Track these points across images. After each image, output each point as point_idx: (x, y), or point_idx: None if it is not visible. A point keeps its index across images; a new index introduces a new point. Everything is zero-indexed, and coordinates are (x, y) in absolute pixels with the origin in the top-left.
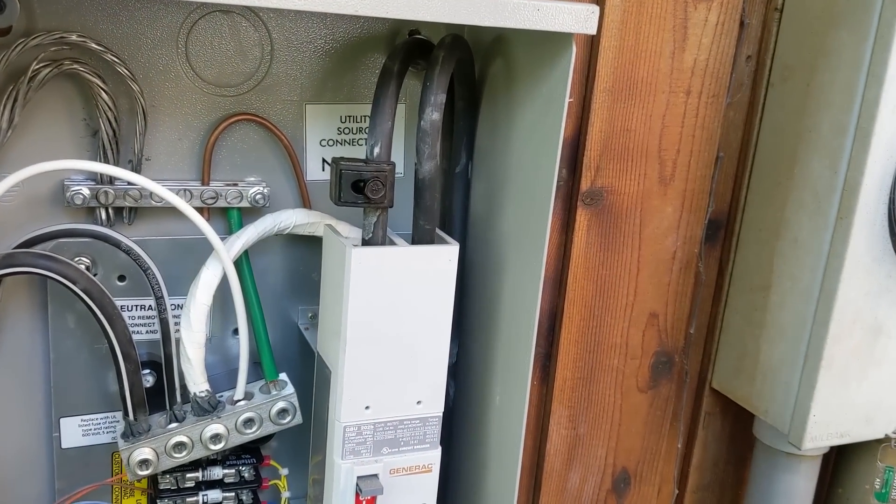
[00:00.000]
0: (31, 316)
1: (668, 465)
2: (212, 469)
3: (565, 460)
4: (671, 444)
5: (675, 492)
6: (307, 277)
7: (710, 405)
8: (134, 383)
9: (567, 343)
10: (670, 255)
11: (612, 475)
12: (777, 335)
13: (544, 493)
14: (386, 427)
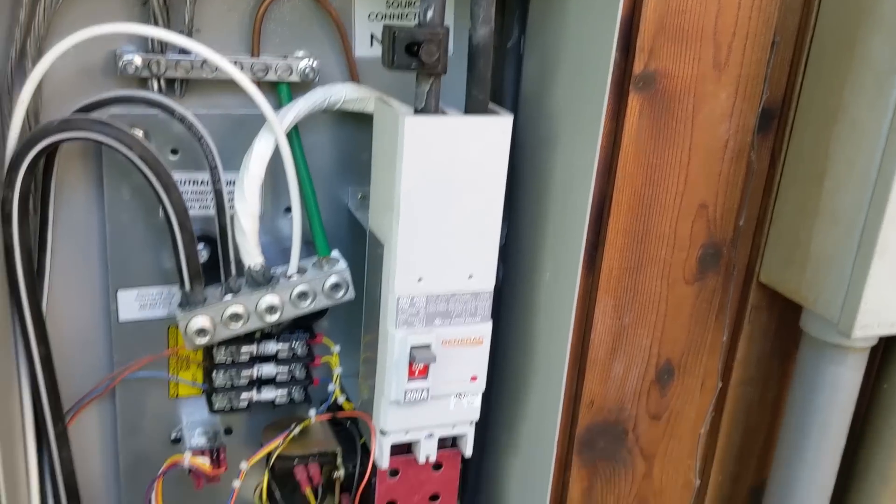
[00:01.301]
0: (87, 188)
1: (713, 358)
2: (266, 344)
3: (609, 350)
4: (716, 337)
5: (719, 385)
6: (356, 158)
7: (757, 299)
8: (190, 254)
9: (615, 232)
10: (722, 143)
11: (656, 366)
12: (830, 222)
13: (588, 381)
14: (438, 300)
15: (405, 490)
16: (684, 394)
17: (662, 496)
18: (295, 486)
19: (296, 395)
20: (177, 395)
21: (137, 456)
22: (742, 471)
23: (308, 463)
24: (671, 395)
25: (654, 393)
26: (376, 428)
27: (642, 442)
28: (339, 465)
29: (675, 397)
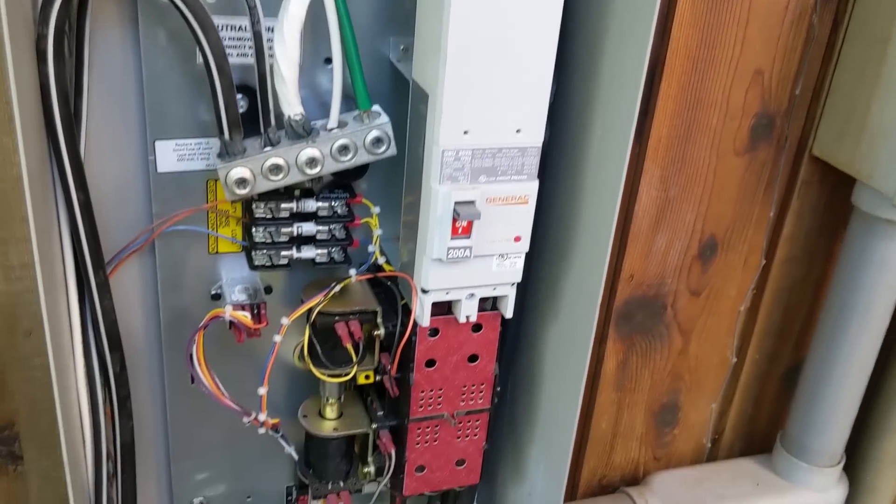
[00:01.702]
0: (122, 32)
1: (758, 234)
2: (306, 201)
3: (653, 223)
4: (763, 212)
5: (762, 262)
6: (399, 6)
7: (808, 173)
8: (229, 101)
9: (666, 98)
10: (783, 6)
11: (700, 241)
12: (891, 92)
13: (629, 254)
14: (484, 154)
15: (444, 350)
16: (726, 270)
17: (697, 372)
18: (335, 344)
19: (336, 255)
20: (216, 251)
21: (178, 311)
22: (780, 350)
23: (349, 320)
24: (713, 271)
25: (696, 268)
26: (417, 287)
27: (680, 318)
28: (380, 324)
29: (716, 274)
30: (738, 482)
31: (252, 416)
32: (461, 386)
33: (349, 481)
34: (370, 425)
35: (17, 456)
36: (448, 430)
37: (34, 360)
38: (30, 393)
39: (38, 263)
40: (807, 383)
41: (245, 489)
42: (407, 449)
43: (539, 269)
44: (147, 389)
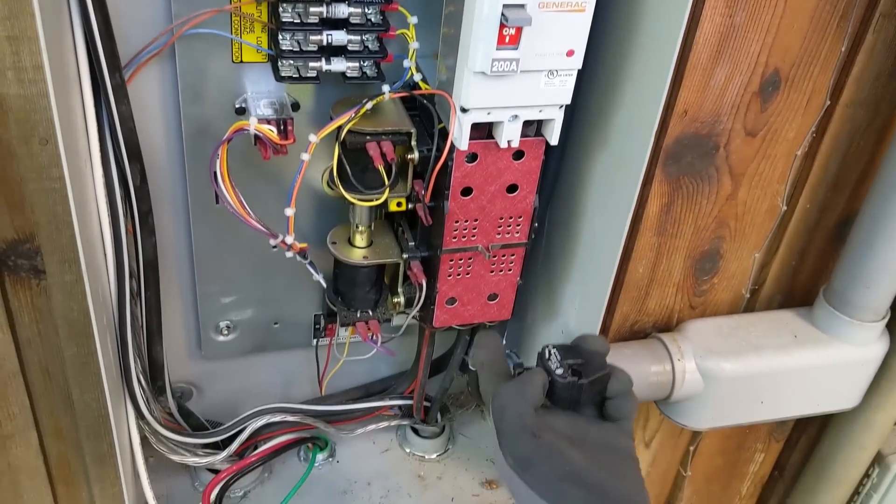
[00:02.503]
0: None
1: (825, 73)
2: (337, 6)
3: (713, 53)
4: (833, 47)
5: (826, 103)
6: None
7: (888, 6)
8: None
9: None
10: None
11: (762, 76)
12: None
13: (685, 87)
14: None
15: (482, 178)
16: (787, 110)
17: (744, 220)
18: (366, 166)
19: (368, 70)
20: (241, 60)
21: (200, 124)
22: (833, 200)
23: (381, 140)
24: (772, 110)
25: (755, 106)
26: (456, 105)
27: (732, 160)
28: (414, 147)
29: (776, 113)
30: (775, 333)
31: (279, 238)
32: (498, 217)
33: (378, 311)
34: (401, 255)
35: (39, 270)
36: (482, 264)
37: (52, 170)
38: (48, 205)
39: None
40: (858, 236)
41: (272, 316)
42: (438, 280)
43: (588, 96)
44: (170, 209)
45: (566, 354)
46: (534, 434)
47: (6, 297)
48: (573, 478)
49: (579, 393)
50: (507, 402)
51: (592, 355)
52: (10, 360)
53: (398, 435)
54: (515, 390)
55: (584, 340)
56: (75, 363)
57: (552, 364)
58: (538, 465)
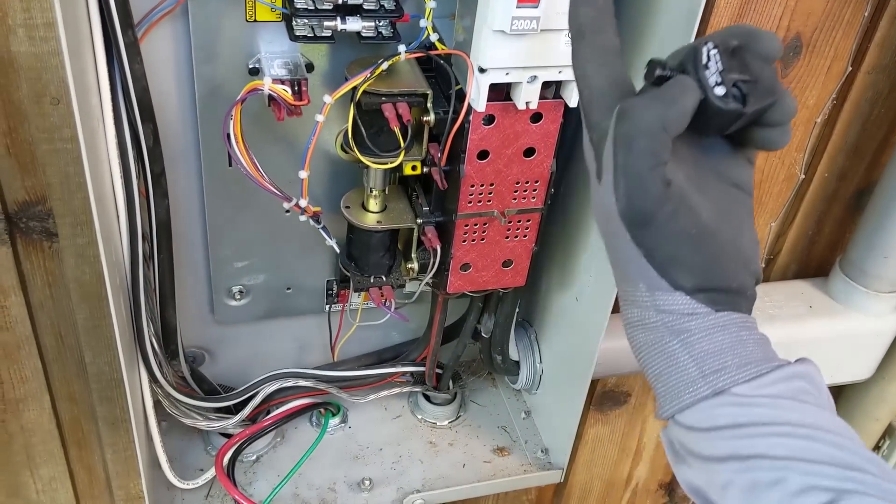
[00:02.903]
0: None
1: (847, 38)
2: None
3: (735, 17)
4: (856, 11)
5: (848, 69)
6: None
7: None
8: None
9: None
10: None
11: (783, 40)
12: None
13: None
14: None
15: (499, 141)
16: (807, 76)
17: (761, 188)
18: (381, 128)
19: (384, 30)
20: (254, 18)
21: (213, 84)
22: (851, 169)
23: (397, 101)
24: (793, 75)
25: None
26: (474, 65)
27: None
28: (430, 108)
29: (796, 79)
30: (791, 303)
31: (293, 201)
32: (514, 182)
33: (392, 276)
34: (415, 220)
35: (51, 233)
36: (497, 229)
37: (63, 130)
38: (61, 166)
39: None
40: (876, 205)
41: (285, 281)
42: (453, 246)
43: None
44: (182, 172)
45: (731, 63)
46: (665, 180)
47: (18, 259)
48: (697, 242)
49: (732, 122)
50: (642, 128)
51: (762, 68)
52: (23, 324)
53: (410, 401)
54: (656, 112)
55: (755, 39)
56: (88, 327)
57: (710, 76)
58: (661, 223)
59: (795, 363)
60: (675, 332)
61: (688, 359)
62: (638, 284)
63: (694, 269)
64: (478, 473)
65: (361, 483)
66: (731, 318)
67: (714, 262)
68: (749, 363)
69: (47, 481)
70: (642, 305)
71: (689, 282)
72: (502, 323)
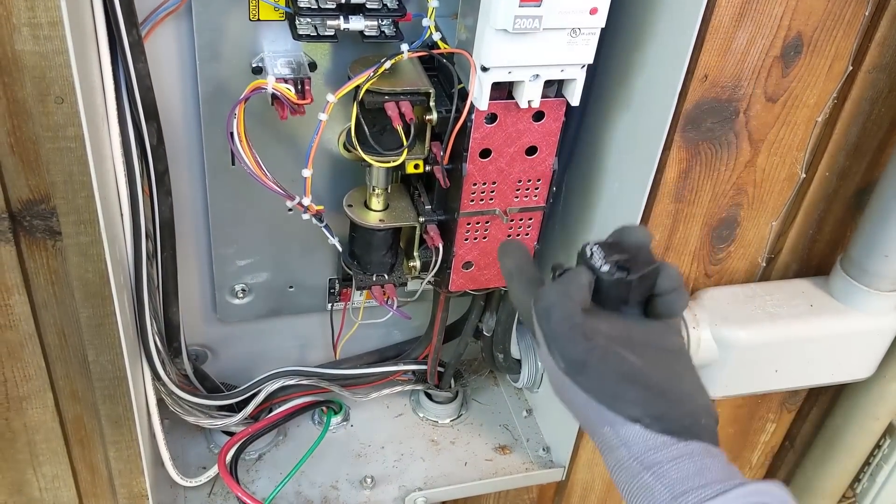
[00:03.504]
0: None
1: (848, 37)
2: None
3: (736, 17)
4: (857, 11)
5: (849, 69)
6: None
7: None
8: None
9: None
10: None
11: (784, 40)
12: None
13: (706, 51)
14: None
15: (501, 139)
16: (808, 75)
17: (762, 187)
18: (383, 127)
19: (386, 29)
20: (258, 18)
21: (217, 83)
22: (852, 168)
23: (399, 100)
24: (794, 75)
25: (776, 71)
26: (476, 64)
27: (752, 125)
28: (432, 107)
29: (797, 78)
30: (791, 302)
31: (295, 200)
32: (516, 180)
33: (394, 274)
34: (417, 218)
35: (55, 231)
36: (499, 227)
37: (68, 129)
38: (65, 165)
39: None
40: (877, 204)
41: (287, 279)
42: (455, 244)
43: (609, 57)
44: (186, 170)
45: (609, 250)
46: (585, 335)
47: (22, 258)
48: (631, 378)
49: (627, 290)
50: (552, 302)
51: (638, 249)
52: (27, 322)
53: (412, 400)
54: (560, 290)
55: (625, 233)
56: (91, 325)
57: (596, 261)
58: (593, 366)
59: (760, 482)
60: (646, 467)
61: (661, 487)
62: (603, 428)
63: (637, 401)
64: (479, 472)
65: (363, 481)
66: (694, 447)
67: (652, 392)
68: (713, 482)
69: (50, 479)
70: (613, 447)
71: (638, 411)
72: (504, 321)
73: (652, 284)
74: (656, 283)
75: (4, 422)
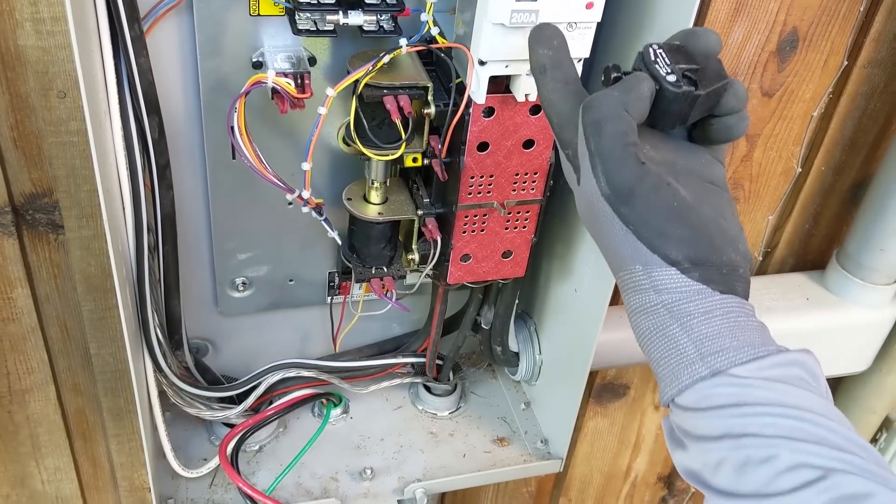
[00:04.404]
0: None
1: (843, 32)
2: None
3: (732, 12)
4: (852, 7)
5: (844, 64)
6: None
7: None
8: None
9: None
10: None
11: (780, 35)
12: None
13: None
14: None
15: (499, 133)
16: (804, 70)
17: (758, 181)
18: (382, 121)
19: (385, 24)
20: (258, 12)
21: (218, 77)
22: (848, 162)
23: (398, 94)
24: (789, 70)
25: (772, 66)
26: (474, 58)
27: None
28: (430, 101)
29: (793, 74)
30: (788, 296)
31: (295, 193)
32: (514, 174)
33: (393, 267)
34: (416, 211)
35: (57, 225)
36: (497, 220)
37: (70, 123)
38: (67, 159)
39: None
40: (872, 198)
41: (287, 273)
42: (453, 237)
43: (605, 51)
44: (187, 164)
45: (676, 57)
46: (638, 158)
47: (24, 251)
48: (680, 215)
49: (691, 107)
50: (606, 113)
51: (707, 59)
52: (29, 315)
53: (411, 392)
54: (617, 100)
55: (694, 36)
56: (93, 318)
57: (660, 68)
58: (642, 196)
59: (795, 351)
60: (675, 316)
61: (687, 342)
62: (634, 266)
63: (682, 241)
64: (478, 463)
65: (363, 472)
66: (729, 301)
67: (700, 235)
68: (746, 346)
69: (53, 472)
70: (641, 289)
71: (680, 253)
72: (502, 314)
73: (714, 104)
74: (720, 102)
75: (7, 414)
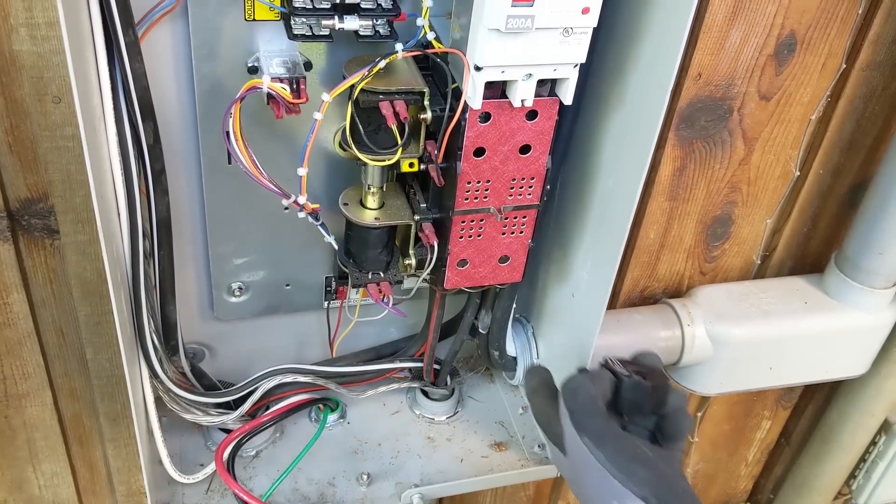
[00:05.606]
0: None
1: (841, 36)
2: None
3: (729, 15)
4: (850, 10)
5: (842, 67)
6: None
7: None
8: None
9: None
10: None
11: (777, 38)
12: None
13: (699, 50)
14: None
15: (495, 138)
16: (802, 73)
17: (756, 184)
18: (378, 126)
19: (381, 29)
20: (253, 17)
21: (213, 82)
22: (846, 165)
23: (394, 99)
24: (787, 73)
25: (770, 69)
26: (470, 63)
27: (746, 123)
28: (427, 106)
29: (790, 77)
30: (786, 299)
31: (291, 198)
32: (510, 179)
33: (389, 272)
34: (412, 217)
35: (52, 230)
36: (493, 225)
37: (65, 129)
38: (62, 164)
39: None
40: (871, 202)
41: (284, 277)
42: (450, 242)
43: (602, 56)
44: (182, 169)
45: (626, 364)
46: (606, 416)
47: (20, 256)
48: (644, 461)
49: (643, 396)
50: (579, 385)
51: (652, 368)
52: (25, 320)
53: (408, 397)
54: (587, 379)
55: (641, 356)
56: (89, 323)
57: (617, 367)
58: (612, 442)
59: None
60: None
61: None
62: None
63: (647, 482)
64: (476, 468)
65: (360, 477)
66: None
67: (661, 480)
68: None
69: (49, 477)
70: None
71: (646, 491)
72: (499, 319)
73: (663, 401)
74: (667, 400)
75: (4, 419)
